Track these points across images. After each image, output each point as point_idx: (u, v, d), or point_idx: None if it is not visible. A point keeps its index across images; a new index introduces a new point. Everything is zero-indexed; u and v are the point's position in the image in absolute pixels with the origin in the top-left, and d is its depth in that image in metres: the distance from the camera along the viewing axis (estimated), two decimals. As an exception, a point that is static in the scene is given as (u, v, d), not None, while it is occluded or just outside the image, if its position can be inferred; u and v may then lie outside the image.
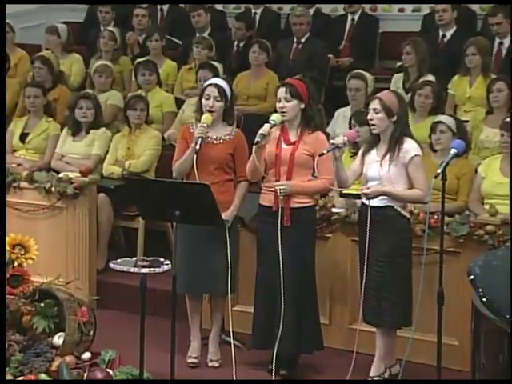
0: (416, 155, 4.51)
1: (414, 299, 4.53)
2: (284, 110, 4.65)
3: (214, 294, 4.94)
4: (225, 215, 4.62)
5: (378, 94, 4.61)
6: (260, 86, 7.29)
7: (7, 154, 6.65)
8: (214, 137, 4.87)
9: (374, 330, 4.69)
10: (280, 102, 4.66)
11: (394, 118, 4.53)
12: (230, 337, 4.78)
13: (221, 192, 4.58)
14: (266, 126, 4.57)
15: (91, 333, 4.45)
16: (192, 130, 4.86)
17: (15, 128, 6.77)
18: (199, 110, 4.88)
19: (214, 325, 5.02)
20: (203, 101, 4.84)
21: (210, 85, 4.86)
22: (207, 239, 4.75)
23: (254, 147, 4.58)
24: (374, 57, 8.34)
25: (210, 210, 4.33)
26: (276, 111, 4.70)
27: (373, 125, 4.56)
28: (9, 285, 4.40)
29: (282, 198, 4.60)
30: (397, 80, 7.03)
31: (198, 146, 4.70)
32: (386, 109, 4.51)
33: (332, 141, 4.50)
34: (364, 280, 4.52)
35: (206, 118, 4.80)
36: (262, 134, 4.54)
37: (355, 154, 5.13)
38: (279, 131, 4.72)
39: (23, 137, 6.71)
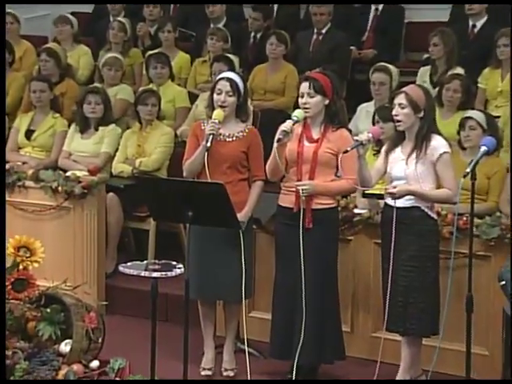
0: (445, 152, 4.50)
1: (441, 306, 4.51)
2: (307, 105, 4.64)
3: (227, 299, 4.94)
4: (239, 216, 4.62)
5: (404, 88, 4.59)
6: (278, 79, 7.28)
7: (12, 152, 6.70)
8: (227, 134, 4.87)
9: (398, 338, 4.68)
10: (303, 97, 4.65)
11: (421, 114, 4.52)
12: (245, 345, 4.78)
13: (234, 192, 4.57)
14: (289, 123, 4.56)
15: (100, 340, 4.47)
16: (203, 127, 4.86)
17: (20, 124, 6.79)
18: (211, 106, 4.88)
19: (229, 332, 5.02)
20: (215, 96, 4.85)
21: (222, 79, 4.87)
22: (221, 242, 4.75)
23: (274, 145, 4.58)
24: (400, 48, 8.32)
25: (225, 210, 4.33)
26: (297, 107, 4.70)
27: (398, 121, 4.54)
28: (13, 289, 4.42)
29: (303, 198, 4.60)
30: (423, 73, 7.00)
31: (208, 144, 4.70)
32: (412, 104, 4.49)
33: (356, 137, 4.50)
34: (388, 285, 4.51)
35: (218, 113, 4.80)
36: (284, 130, 4.53)
37: (378, 151, 5.12)
38: (301, 128, 4.72)
39: (29, 134, 6.73)
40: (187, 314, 4.16)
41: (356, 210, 5.17)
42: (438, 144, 4.50)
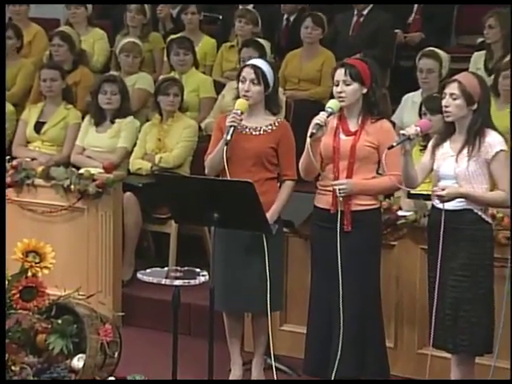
0: (501, 150, 4.46)
1: (496, 320, 4.48)
2: (343, 94, 4.64)
3: (255, 311, 4.95)
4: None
5: (456, 77, 4.56)
6: (313, 67, 7.29)
7: (20, 147, 6.76)
8: (253, 127, 4.88)
9: (448, 355, 4.65)
10: (338, 85, 4.65)
11: (474, 106, 4.49)
12: (275, 361, 4.79)
13: (261, 193, 4.53)
14: (323, 115, 4.56)
15: (116, 354, 4.50)
16: (229, 120, 4.89)
17: (29, 116, 6.85)
18: (238, 97, 4.89)
19: (258, 347, 5.03)
20: (239, 84, 4.86)
21: (247, 66, 4.89)
22: (249, 247, 4.76)
23: (308, 140, 4.58)
24: (450, 32, 8.28)
25: (254, 212, 4.35)
26: (333, 97, 4.70)
27: (447, 112, 4.52)
28: (21, 298, 4.46)
29: (341, 199, 4.60)
30: (477, 59, 6.97)
31: (228, 137, 4.70)
32: (465, 95, 4.46)
33: (402, 131, 4.47)
34: (436, 297, 4.49)
35: (240, 103, 4.80)
36: (317, 123, 4.53)
37: (425, 147, 5.10)
38: (337, 120, 4.71)
39: (38, 126, 6.78)
40: (212, 326, 4.18)
41: (400, 212, 5.16)
42: (493, 141, 4.47)
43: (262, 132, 4.88)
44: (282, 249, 4.96)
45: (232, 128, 4.72)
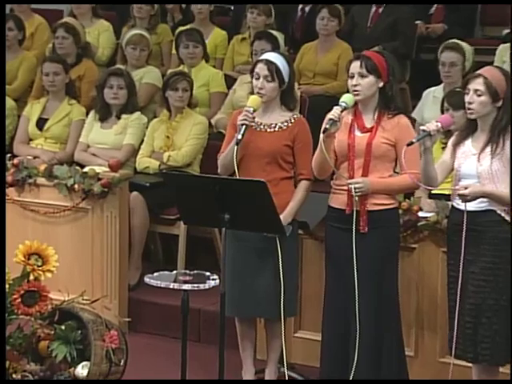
0: (528, 149, 4.46)
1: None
2: (358, 88, 4.65)
3: (268, 317, 4.96)
4: (279, 220, 4.63)
5: (481, 71, 4.55)
6: (329, 60, 7.29)
7: (22, 144, 6.78)
8: (268, 123, 4.89)
9: (470, 364, 4.65)
10: (353, 78, 4.67)
11: (500, 103, 4.48)
12: (289, 370, 4.80)
13: (275, 193, 4.56)
14: (336, 110, 4.57)
15: (122, 362, 4.51)
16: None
17: (31, 113, 6.87)
18: (253, 92, 4.90)
19: (271, 355, 5.04)
20: (253, 81, 4.88)
21: (260, 61, 4.90)
22: (262, 249, 4.78)
23: (321, 136, 4.59)
24: (474, 23, 8.26)
25: (267, 213, 4.36)
26: (348, 91, 4.71)
27: (470, 109, 4.51)
28: (23, 303, 4.47)
29: (357, 198, 4.61)
30: (503, 52, 6.95)
31: (240, 136, 4.72)
32: (491, 90, 4.45)
33: (422, 127, 4.47)
34: (457, 303, 4.48)
35: (253, 100, 4.82)
36: (331, 119, 4.54)
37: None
38: (352, 116, 4.73)
39: (41, 123, 6.81)
40: (223, 333, 4.19)
41: (421, 214, 5.16)
42: (518, 138, 4.47)
43: (277, 129, 4.89)
44: (296, 251, 4.98)
45: (244, 127, 4.73)
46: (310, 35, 7.57)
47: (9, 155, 6.26)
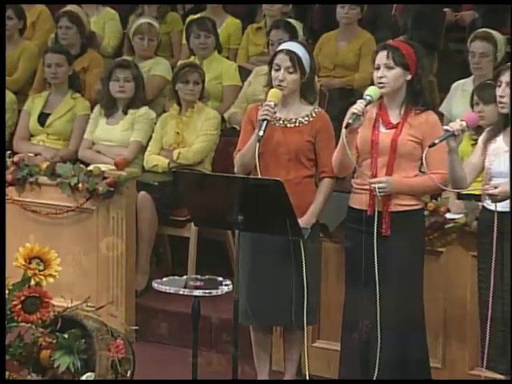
0: None
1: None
2: (384, 80, 4.65)
3: (286, 325, 4.97)
4: (301, 222, 4.65)
5: (515, 62, 4.56)
6: (350, 50, 7.28)
7: (23, 141, 6.81)
8: (288, 118, 4.90)
9: (503, 377, 4.65)
10: (379, 69, 4.67)
11: (534, 97, 4.49)
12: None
13: (297, 192, 4.60)
14: (360, 104, 4.57)
15: (128, 373, 4.53)
16: (261, 111, 4.91)
17: (32, 107, 6.90)
18: (270, 84, 4.92)
19: (289, 366, 5.05)
20: (272, 72, 4.89)
21: (281, 51, 4.91)
22: (278, 253, 4.79)
23: (343, 131, 4.60)
24: (507, 10, 8.24)
25: (284, 214, 4.37)
26: (373, 84, 4.71)
27: (502, 103, 4.51)
28: (24, 310, 4.50)
29: (379, 198, 4.62)
30: (537, 41, 6.95)
31: (261, 133, 4.74)
32: (525, 84, 4.46)
33: (446, 127, 4.47)
34: (489, 311, 4.48)
35: (273, 94, 4.84)
36: (354, 113, 4.55)
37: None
38: (376, 110, 4.73)
39: (43, 118, 6.83)
40: (236, 342, 4.21)
41: (449, 215, 5.15)
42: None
43: (297, 124, 4.91)
44: (317, 255, 4.98)
45: (265, 122, 4.75)
46: (330, 24, 7.56)
47: (9, 152, 6.29)
